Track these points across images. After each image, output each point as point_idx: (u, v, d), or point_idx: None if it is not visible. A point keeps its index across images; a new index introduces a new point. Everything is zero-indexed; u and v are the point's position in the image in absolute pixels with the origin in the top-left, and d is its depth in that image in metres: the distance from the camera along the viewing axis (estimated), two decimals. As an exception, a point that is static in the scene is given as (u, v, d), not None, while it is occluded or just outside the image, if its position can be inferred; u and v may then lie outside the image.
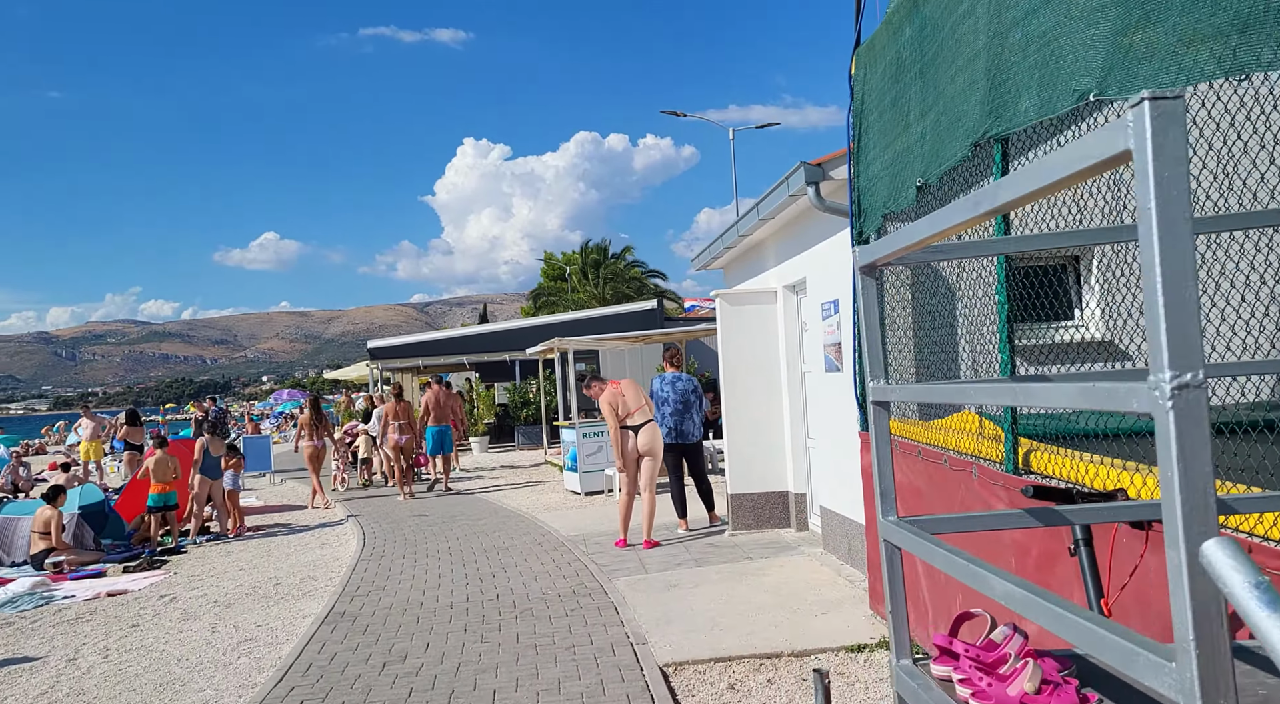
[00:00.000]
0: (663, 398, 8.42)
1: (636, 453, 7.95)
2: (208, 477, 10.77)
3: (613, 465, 12.41)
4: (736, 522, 8.04)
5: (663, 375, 8.64)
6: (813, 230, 6.80)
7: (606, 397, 7.90)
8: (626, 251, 41.09)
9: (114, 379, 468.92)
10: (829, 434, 6.70)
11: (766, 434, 7.97)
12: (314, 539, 10.53)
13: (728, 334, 8.05)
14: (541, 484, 14.26)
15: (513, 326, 23.37)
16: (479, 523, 10.47)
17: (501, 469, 17.06)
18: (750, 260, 8.86)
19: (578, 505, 11.52)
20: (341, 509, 12.76)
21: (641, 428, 7.88)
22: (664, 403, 8.41)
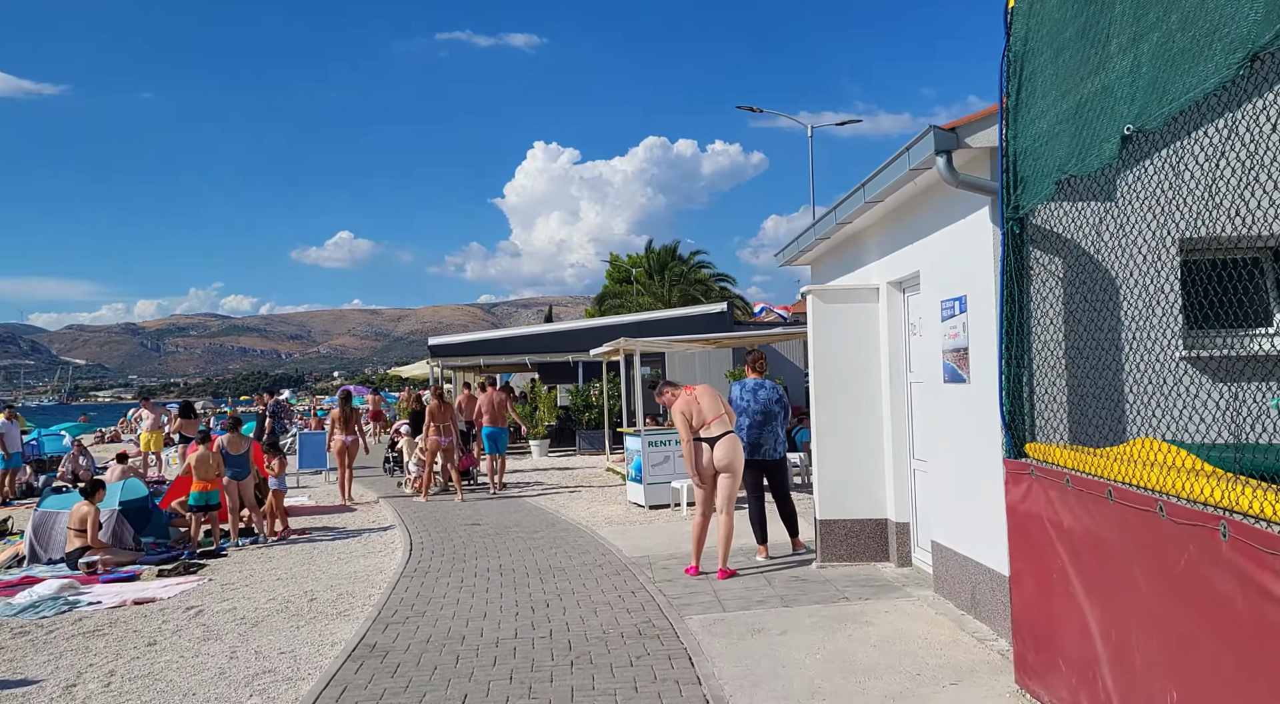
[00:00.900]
0: (742, 407, 7.44)
1: (712, 469, 6.99)
2: (233, 477, 10.15)
3: (681, 477, 11.46)
4: (826, 552, 7.00)
5: (743, 382, 7.65)
6: (931, 214, 5.74)
7: (679, 405, 6.96)
8: (695, 254, 40.12)
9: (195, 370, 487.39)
10: (946, 456, 5.62)
11: (863, 453, 6.92)
12: (359, 546, 9.84)
13: (820, 336, 7.02)
14: (603, 493, 13.39)
15: (577, 327, 22.61)
16: (534, 537, 9.63)
17: (561, 475, 16.26)
18: (846, 254, 7.81)
19: (641, 520, 10.60)
20: (391, 513, 12.09)
21: (719, 440, 6.92)
22: (743, 413, 7.43)
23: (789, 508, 7.64)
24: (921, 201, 5.86)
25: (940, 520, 5.77)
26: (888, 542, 6.90)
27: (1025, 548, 3.91)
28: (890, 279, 6.73)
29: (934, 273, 5.78)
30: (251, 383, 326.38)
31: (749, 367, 7.68)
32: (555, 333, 22.41)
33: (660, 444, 11.58)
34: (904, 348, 6.74)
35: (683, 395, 7.02)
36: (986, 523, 4.95)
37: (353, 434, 14.07)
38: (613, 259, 45.30)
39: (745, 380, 7.65)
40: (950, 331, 5.44)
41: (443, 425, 13.01)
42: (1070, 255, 4.27)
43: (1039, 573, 3.77)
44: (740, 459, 6.98)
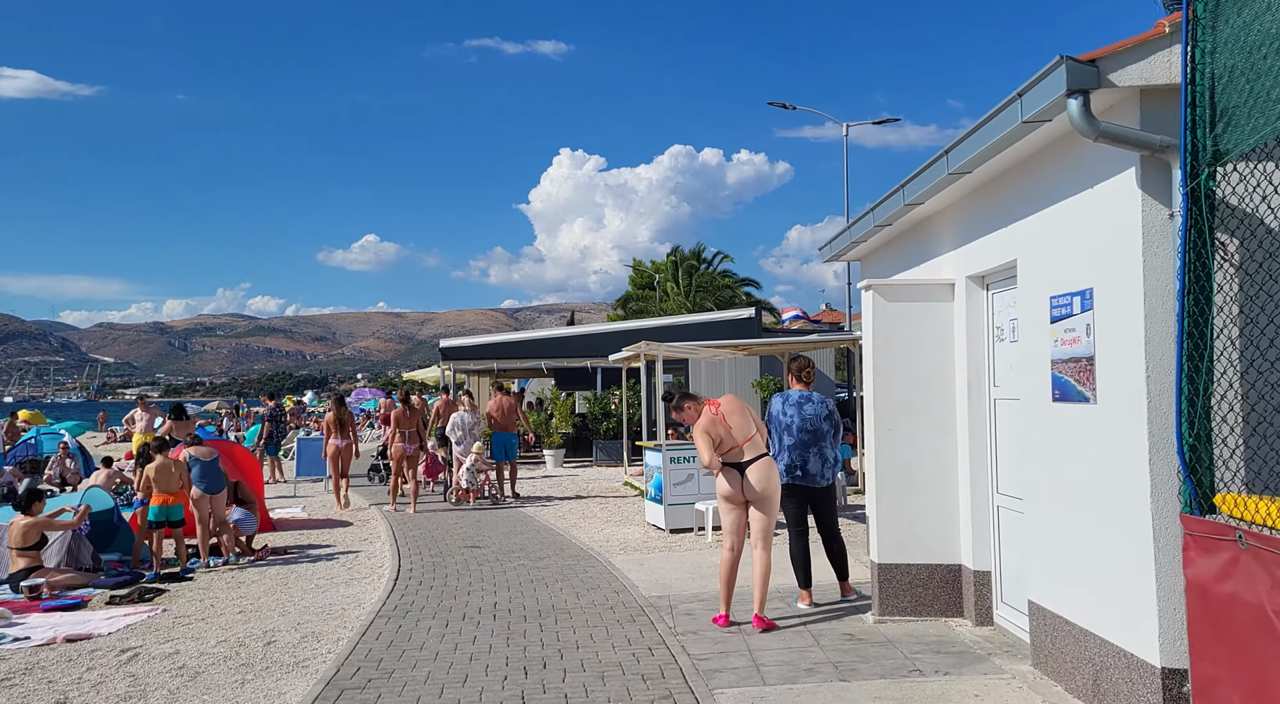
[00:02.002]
0: (784, 424, 6.24)
1: (743, 498, 5.79)
2: (205, 490, 9.06)
3: (707, 498, 10.26)
4: (885, 602, 5.76)
5: (785, 394, 6.45)
6: (1038, 186, 4.53)
7: (703, 424, 5.78)
8: (720, 258, 38.88)
9: (221, 370, 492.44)
10: (1054, 495, 4.39)
11: (932, 483, 5.69)
12: (343, 571, 8.73)
13: (881, 341, 5.81)
14: (619, 511, 12.21)
15: (596, 330, 21.48)
16: (540, 564, 8.46)
17: (575, 488, 15.10)
18: (909, 245, 6.60)
19: (661, 546, 9.41)
20: (386, 529, 10.98)
21: (751, 465, 5.72)
22: (785, 431, 6.23)
23: (838, 545, 6.42)
24: (1026, 170, 4.65)
25: (1043, 577, 4.53)
26: (962, 593, 5.65)
27: (1225, 645, 2.70)
28: (970, 272, 5.51)
29: (1040, 262, 4.55)
30: (276, 383, 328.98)
31: (793, 376, 6.48)
32: (573, 336, 21.29)
33: (683, 460, 10.38)
34: (986, 355, 5.52)
35: (706, 412, 5.84)
36: (1122, 591, 3.72)
37: (347, 439, 13.39)
38: (636, 264, 44.23)
39: (788, 392, 6.45)
40: (1066, 336, 4.22)
41: (407, 432, 12.52)
42: (1269, 234, 3.05)
43: (1253, 685, 2.55)
44: (776, 487, 5.78)
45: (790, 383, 6.49)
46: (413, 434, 12.63)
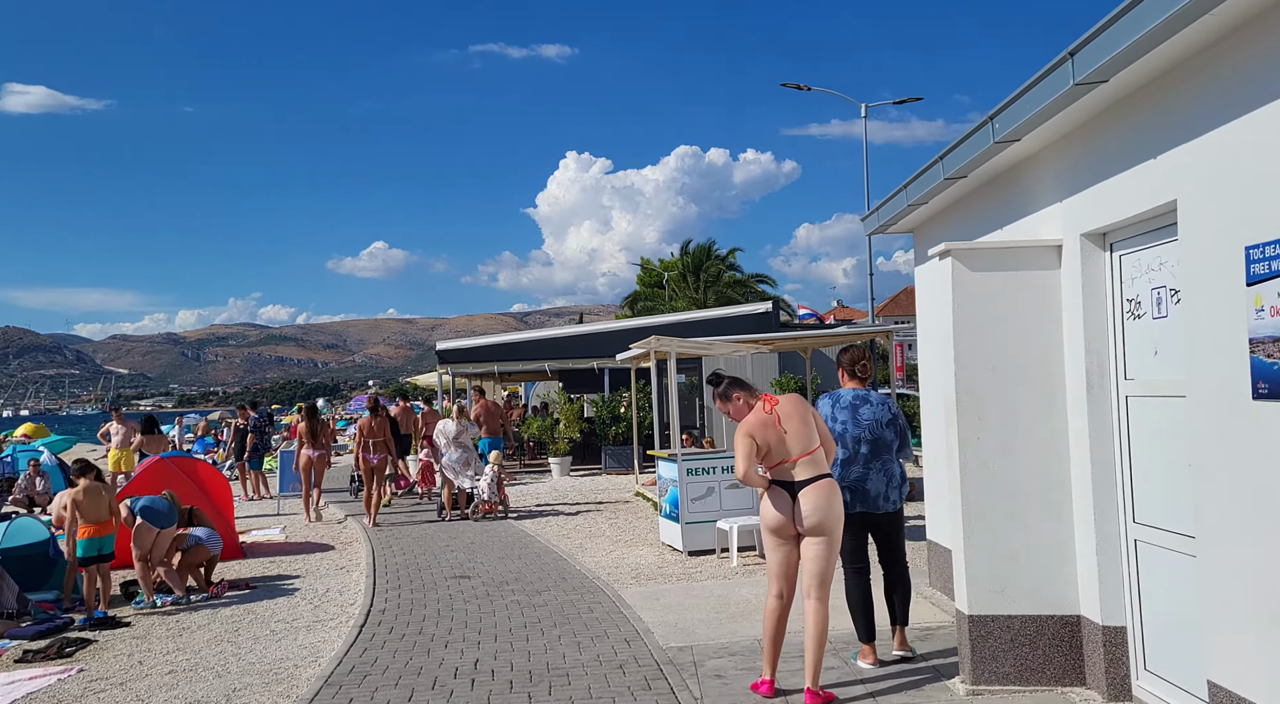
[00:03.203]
0: (837, 433, 4.90)
1: (794, 530, 4.44)
2: (152, 522, 7.78)
3: (732, 514, 8.92)
4: (980, 666, 4.40)
5: (835, 395, 5.08)
6: (1221, 90, 3.17)
7: (752, 424, 4.45)
8: (731, 254, 37.47)
9: (234, 379, 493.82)
10: (1249, 532, 3.04)
11: (1039, 509, 4.33)
12: (307, 609, 7.43)
13: (965, 322, 4.45)
14: (630, 527, 10.88)
15: (603, 329, 20.15)
16: (536, 601, 7.14)
17: (583, 499, 13.78)
18: (986, 202, 5.24)
19: (679, 573, 8.07)
20: (367, 555, 9.68)
21: (806, 487, 4.38)
22: (839, 441, 4.89)
23: (904, 586, 5.02)
24: (1203, 68, 3.29)
25: (1240, 649, 3.16)
26: (1084, 655, 4.28)
27: None
28: (1088, 228, 4.15)
29: (1223, 199, 3.20)
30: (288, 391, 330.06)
31: (845, 372, 5.08)
32: (579, 336, 19.97)
33: (702, 472, 9.05)
34: (1112, 338, 4.16)
35: (758, 409, 4.50)
36: None
37: (320, 449, 12.65)
38: (644, 263, 42.81)
39: (838, 392, 5.08)
40: (1272, 305, 2.87)
41: (373, 442, 12.01)
42: None
43: None
44: (840, 516, 4.43)
45: (841, 380, 5.10)
46: (379, 444, 12.04)
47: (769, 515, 4.45)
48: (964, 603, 4.41)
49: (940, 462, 5.38)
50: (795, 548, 4.49)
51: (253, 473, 16.30)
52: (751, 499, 9.11)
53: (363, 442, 12.19)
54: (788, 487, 4.41)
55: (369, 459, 12.07)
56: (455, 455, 12.14)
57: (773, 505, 4.43)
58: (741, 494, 9.08)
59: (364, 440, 12.15)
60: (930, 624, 5.75)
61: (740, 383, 4.65)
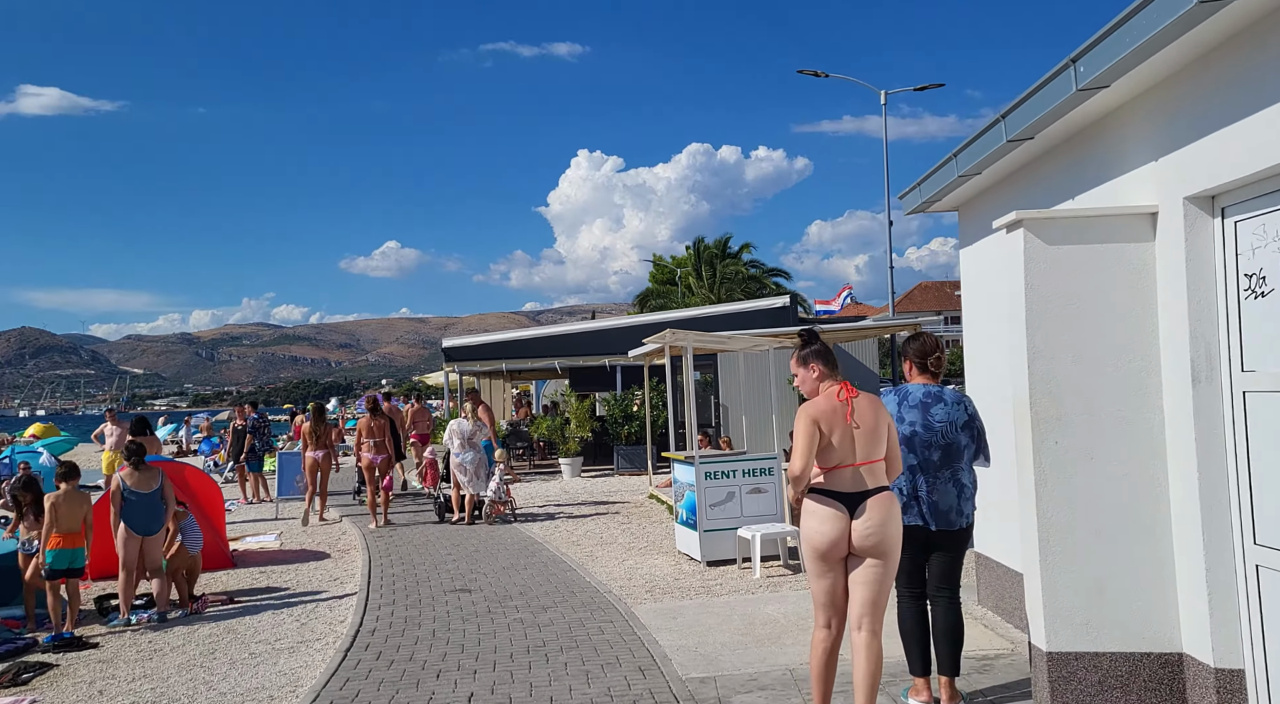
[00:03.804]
0: (903, 435, 4.18)
1: (846, 550, 3.76)
2: (134, 528, 7.19)
3: (754, 520, 8.25)
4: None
5: (902, 390, 4.32)
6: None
7: (819, 408, 3.75)
8: (745, 249, 36.71)
9: (248, 379, 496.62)
10: None
11: (1132, 527, 3.64)
12: (293, 627, 6.81)
13: (1040, 306, 3.76)
14: (644, 532, 10.23)
15: (614, 325, 19.51)
16: (541, 619, 6.49)
17: (594, 501, 13.14)
18: (1057, 168, 4.55)
19: (698, 587, 7.41)
20: (363, 565, 9.06)
21: (866, 500, 3.70)
22: (907, 445, 4.17)
23: (957, 628, 4.24)
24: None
25: None
26: (1187, 702, 3.59)
27: None
28: (1194, 190, 3.45)
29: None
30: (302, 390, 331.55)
31: (912, 364, 4.31)
32: (590, 332, 19.33)
33: (721, 476, 8.37)
34: (1225, 322, 3.46)
35: (830, 394, 3.80)
36: None
37: (324, 449, 12.40)
38: (656, 260, 42.04)
39: (907, 388, 4.30)
40: None
41: (376, 441, 11.65)
42: None
43: None
44: (899, 536, 3.75)
45: (908, 374, 4.36)
46: (380, 444, 11.71)
47: (817, 533, 3.74)
48: (1041, 638, 3.73)
49: (1005, 469, 4.68)
50: (843, 574, 3.81)
51: (252, 475, 15.74)
52: (775, 504, 8.42)
53: (363, 442, 11.86)
54: (843, 498, 3.72)
55: (371, 459, 11.73)
56: (470, 457, 11.53)
57: (822, 521, 3.72)
58: (765, 499, 8.41)
59: (364, 441, 11.83)
60: (986, 651, 5.06)
61: (828, 356, 3.90)
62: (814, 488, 3.78)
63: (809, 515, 3.78)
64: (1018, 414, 3.83)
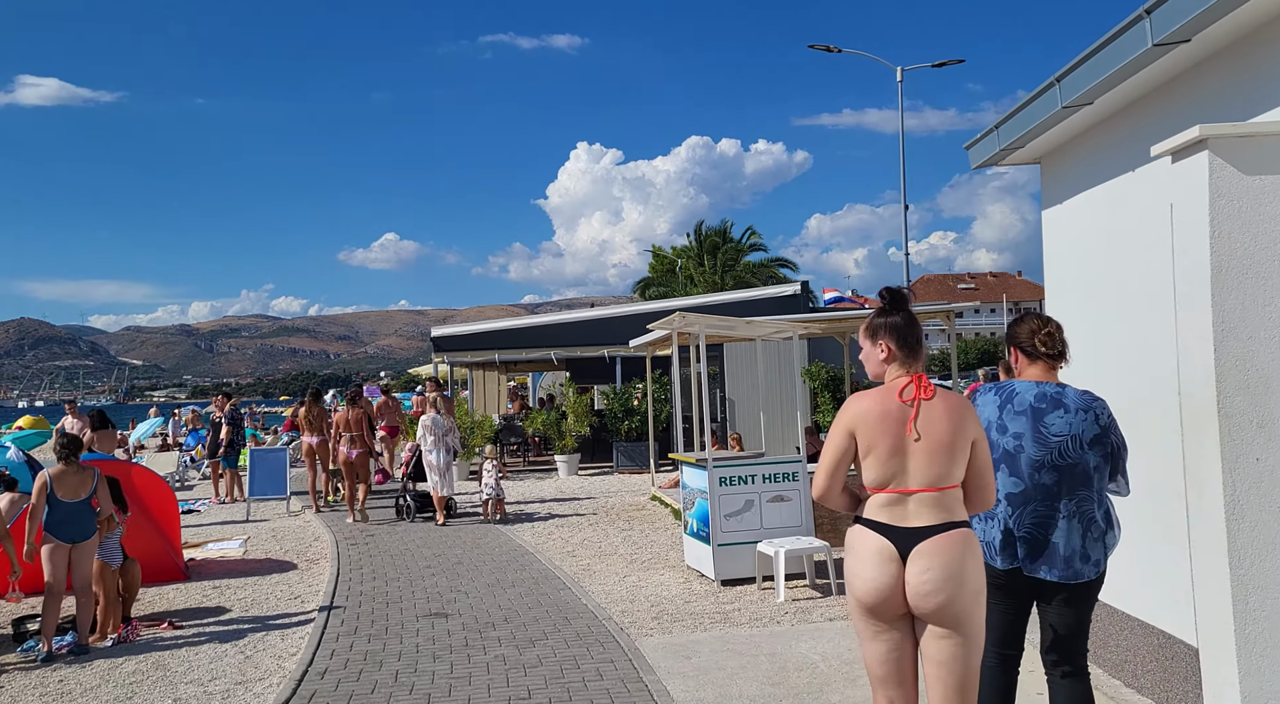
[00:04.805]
0: (1007, 450, 3.06)
1: (903, 608, 2.67)
2: (57, 536, 6.11)
3: (776, 533, 7.17)
4: None
5: (1006, 389, 3.18)
6: None
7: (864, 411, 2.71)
8: (749, 235, 35.55)
9: (247, 370, 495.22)
10: None
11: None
12: (235, 662, 5.72)
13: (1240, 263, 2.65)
14: (648, 542, 9.15)
15: (614, 313, 18.40)
16: (528, 656, 5.41)
17: (592, 503, 12.06)
18: (1202, 87, 3.43)
19: (713, 613, 6.33)
20: (330, 577, 7.98)
21: (925, 539, 2.63)
22: (1008, 463, 3.05)
23: (1083, 695, 3.12)
24: None
25: None
26: None
27: None
28: None
29: None
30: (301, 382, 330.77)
31: (1020, 352, 3.17)
32: (588, 321, 18.23)
33: (738, 482, 7.28)
34: None
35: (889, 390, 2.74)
36: None
37: (321, 435, 12.34)
38: (655, 250, 40.74)
39: (1011, 386, 3.18)
40: None
41: (354, 435, 11.34)
42: None
43: None
44: (980, 591, 2.67)
45: (1015, 366, 3.23)
46: (358, 437, 11.41)
47: (858, 579, 2.69)
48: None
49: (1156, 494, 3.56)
50: (909, 633, 2.72)
51: (227, 472, 14.65)
52: (800, 515, 7.33)
53: (340, 435, 11.52)
54: (892, 534, 2.65)
55: (347, 454, 11.39)
56: (442, 454, 10.66)
57: (863, 561, 2.67)
58: (788, 509, 7.32)
59: (341, 434, 11.49)
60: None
61: (908, 333, 2.78)
62: (857, 516, 2.75)
63: (849, 553, 2.77)
64: (1191, 419, 2.73)
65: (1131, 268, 3.83)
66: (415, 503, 11.37)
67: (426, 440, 10.82)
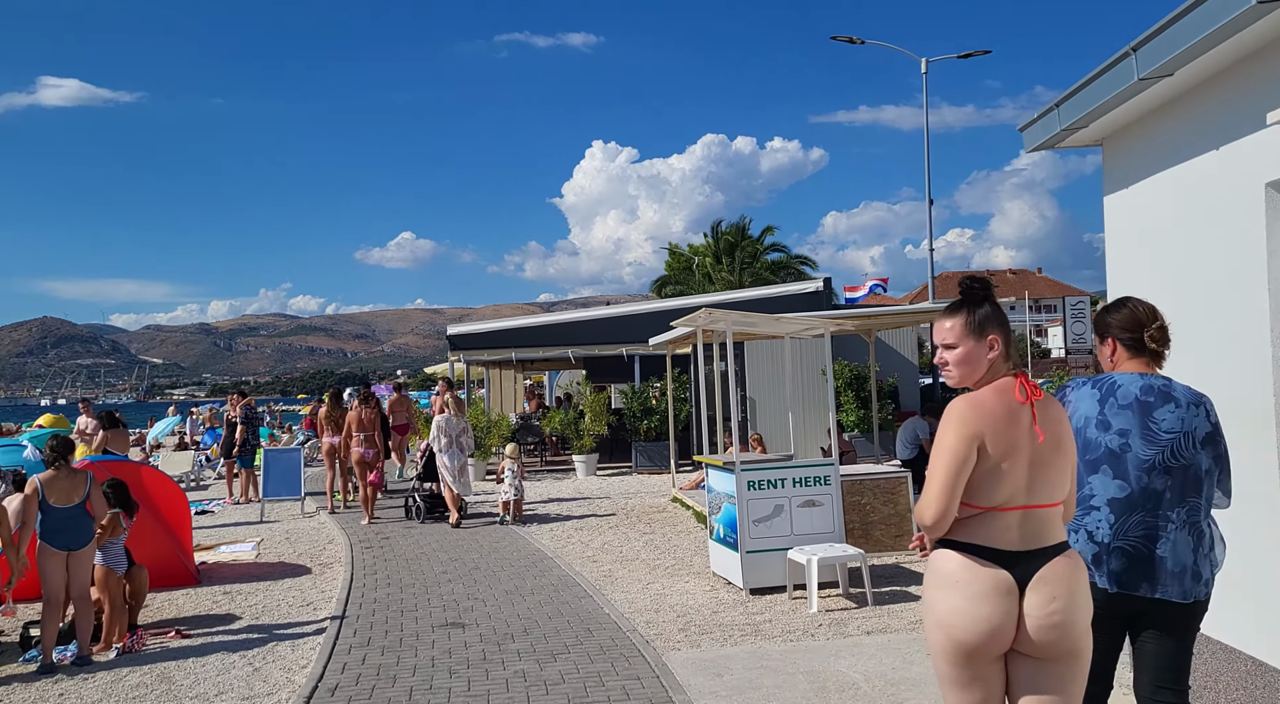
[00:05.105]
0: (1110, 449, 2.69)
1: (1007, 644, 2.32)
2: (51, 544, 5.86)
3: (807, 540, 6.83)
4: None
5: (1105, 380, 2.81)
6: None
7: (989, 409, 2.33)
8: (767, 232, 35.10)
9: (265, 369, 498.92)
10: None
11: None
12: (242, 674, 5.46)
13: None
14: (671, 547, 8.83)
15: (632, 311, 18.09)
16: (549, 672, 5.11)
17: (611, 505, 11.76)
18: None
19: (742, 624, 6.01)
20: (344, 583, 7.72)
21: (1045, 565, 2.29)
22: (1111, 465, 2.69)
23: None
24: None
25: None
26: None
27: None
28: None
29: None
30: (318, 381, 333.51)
31: (1121, 343, 2.81)
32: (606, 319, 17.92)
33: (767, 485, 6.95)
34: None
35: (1005, 387, 2.38)
36: None
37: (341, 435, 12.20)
38: (672, 248, 40.27)
39: (1113, 379, 2.82)
40: None
41: (367, 435, 11.38)
42: None
43: None
44: (1086, 619, 2.33)
45: (1112, 357, 2.86)
46: (370, 438, 11.45)
47: (967, 620, 2.31)
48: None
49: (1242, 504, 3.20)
50: (1002, 677, 2.37)
51: (243, 472, 14.46)
52: (833, 521, 6.99)
53: (353, 435, 11.52)
54: (1009, 561, 2.31)
55: (362, 454, 11.41)
56: (455, 455, 10.49)
57: (974, 598, 2.30)
58: (820, 514, 6.97)
59: (354, 434, 11.51)
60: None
61: (1001, 321, 2.42)
62: (951, 540, 2.36)
63: (947, 588, 2.33)
64: None
65: (1212, 257, 3.47)
66: (425, 503, 11.16)
67: (440, 441, 10.59)
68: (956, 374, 2.43)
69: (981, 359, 2.40)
